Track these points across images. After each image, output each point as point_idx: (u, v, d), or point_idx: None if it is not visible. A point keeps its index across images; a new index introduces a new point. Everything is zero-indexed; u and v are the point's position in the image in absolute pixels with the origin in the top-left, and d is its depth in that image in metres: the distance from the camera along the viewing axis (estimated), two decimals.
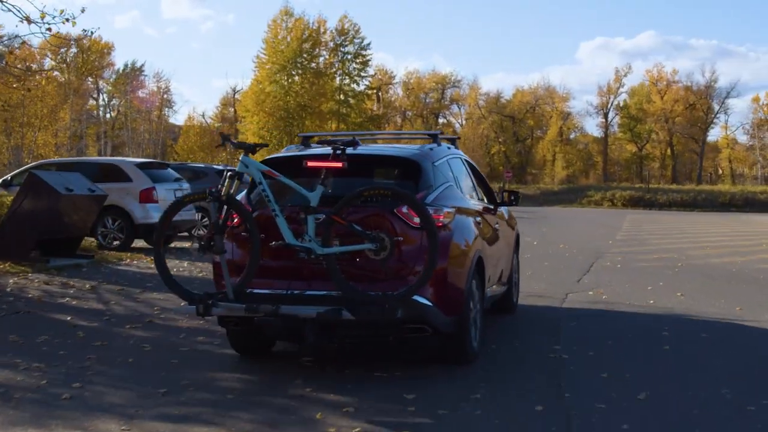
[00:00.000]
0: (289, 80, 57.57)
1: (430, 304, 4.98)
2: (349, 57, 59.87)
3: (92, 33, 12.14)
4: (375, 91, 66.96)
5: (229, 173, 5.01)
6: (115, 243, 13.29)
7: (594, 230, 22.89)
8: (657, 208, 43.92)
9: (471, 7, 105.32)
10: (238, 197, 5.25)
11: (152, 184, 13.43)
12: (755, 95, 75.80)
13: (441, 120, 77.07)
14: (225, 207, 4.98)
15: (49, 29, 11.30)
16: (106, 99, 70.15)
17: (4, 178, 15.25)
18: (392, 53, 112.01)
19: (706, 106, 70.78)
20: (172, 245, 14.82)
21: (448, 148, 6.34)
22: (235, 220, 5.13)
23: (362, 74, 60.90)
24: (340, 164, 4.96)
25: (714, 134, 75.07)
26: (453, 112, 78.58)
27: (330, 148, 5.08)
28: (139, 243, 14.66)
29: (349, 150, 5.14)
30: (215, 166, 18.15)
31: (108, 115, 69.96)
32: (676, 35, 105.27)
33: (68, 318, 7.26)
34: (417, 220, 4.92)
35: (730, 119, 75.58)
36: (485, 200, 7.01)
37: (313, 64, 58.20)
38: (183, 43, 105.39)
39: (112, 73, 69.11)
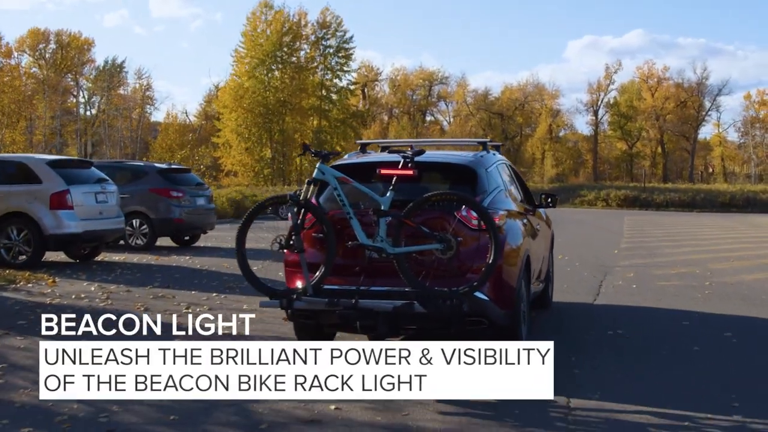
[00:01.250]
0: (269, 75, 55.22)
1: (487, 299, 5.32)
2: (331, 51, 57.56)
3: None
4: (360, 86, 64.70)
5: (307, 180, 5.39)
6: (21, 258, 10.90)
7: (594, 235, 20.58)
8: (654, 209, 41.71)
9: (460, 6, 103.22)
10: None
11: (66, 187, 11.00)
12: (747, 93, 74.02)
13: (428, 117, 75.00)
14: (303, 210, 5.30)
15: None
16: (86, 96, 67.48)
17: None
18: (381, 51, 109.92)
19: (698, 104, 68.84)
20: (99, 258, 12.43)
21: (494, 155, 6.57)
22: (306, 222, 5.39)
23: (345, 69, 58.64)
24: (411, 172, 5.30)
25: (704, 132, 73.32)
26: (440, 109, 76.54)
27: (399, 155, 5.43)
28: (59, 256, 12.28)
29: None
30: (157, 165, 15.65)
31: (88, 113, 67.34)
32: (664, 34, 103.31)
33: None
34: (475, 222, 5.31)
35: (721, 117, 73.24)
36: (526, 202, 7.30)
37: (294, 59, 55.93)
38: (172, 42, 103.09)
39: (92, 70, 66.58)
